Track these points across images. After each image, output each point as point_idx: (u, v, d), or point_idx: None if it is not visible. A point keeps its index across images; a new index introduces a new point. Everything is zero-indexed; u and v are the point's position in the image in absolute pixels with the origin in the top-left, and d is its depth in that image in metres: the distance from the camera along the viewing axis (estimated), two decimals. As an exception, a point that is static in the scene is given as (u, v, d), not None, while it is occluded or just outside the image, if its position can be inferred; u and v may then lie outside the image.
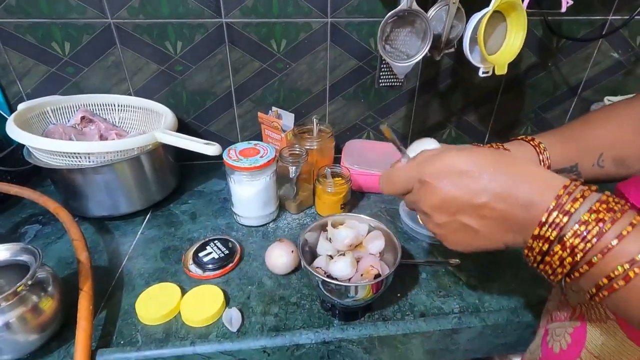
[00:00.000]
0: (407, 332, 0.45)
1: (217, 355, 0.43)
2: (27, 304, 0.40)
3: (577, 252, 0.25)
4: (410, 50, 0.61)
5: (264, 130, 0.76)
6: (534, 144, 0.44)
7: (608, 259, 0.24)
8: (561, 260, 0.26)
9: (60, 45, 0.68)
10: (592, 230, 0.25)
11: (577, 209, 0.25)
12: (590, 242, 0.25)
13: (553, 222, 0.26)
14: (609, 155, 0.42)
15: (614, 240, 0.24)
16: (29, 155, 0.59)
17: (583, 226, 0.25)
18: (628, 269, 0.24)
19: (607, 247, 0.24)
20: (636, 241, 0.24)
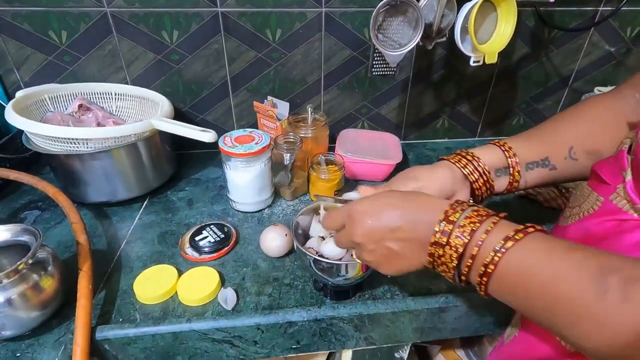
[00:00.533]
0: (396, 311, 0.47)
1: (213, 332, 0.45)
2: (28, 281, 0.41)
3: (459, 247, 0.32)
4: (402, 39, 0.62)
5: (259, 119, 0.77)
6: (499, 144, 0.46)
7: (482, 250, 0.31)
8: (450, 257, 0.33)
9: (57, 33, 0.68)
10: (467, 230, 0.32)
11: (458, 218, 0.33)
12: (466, 238, 0.32)
13: (442, 230, 0.33)
14: (581, 149, 0.44)
15: (482, 235, 0.31)
16: (28, 142, 0.60)
17: (461, 229, 0.32)
18: (494, 255, 0.30)
19: (480, 240, 0.31)
20: (497, 234, 0.31)
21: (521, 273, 0.29)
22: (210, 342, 0.46)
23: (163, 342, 0.45)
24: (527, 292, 0.29)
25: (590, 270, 0.26)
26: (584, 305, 0.25)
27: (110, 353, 0.45)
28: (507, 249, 0.30)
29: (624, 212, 0.34)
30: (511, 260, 0.30)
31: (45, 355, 0.41)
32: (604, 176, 0.37)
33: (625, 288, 0.24)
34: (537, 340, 0.38)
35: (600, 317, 0.25)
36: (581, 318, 0.26)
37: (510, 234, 0.30)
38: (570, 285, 0.26)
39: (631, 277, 0.24)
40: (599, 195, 0.37)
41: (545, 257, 0.28)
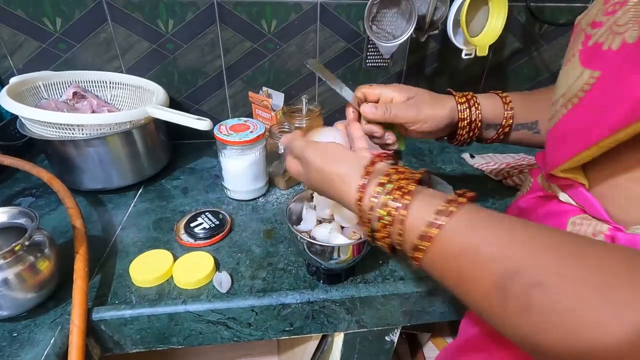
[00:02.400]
0: (387, 294, 0.49)
1: (208, 314, 0.46)
2: (24, 262, 0.41)
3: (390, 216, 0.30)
4: (395, 31, 0.63)
5: (254, 110, 0.78)
6: (501, 96, 0.48)
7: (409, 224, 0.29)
8: (382, 238, 0.32)
9: (51, 20, 0.68)
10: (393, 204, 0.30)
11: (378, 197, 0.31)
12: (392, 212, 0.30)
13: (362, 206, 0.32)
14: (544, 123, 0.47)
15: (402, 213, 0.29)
16: (22, 128, 0.60)
17: (388, 196, 0.31)
18: (426, 231, 0.28)
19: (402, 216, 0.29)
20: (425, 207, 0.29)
21: (444, 259, 0.28)
22: (205, 324, 0.47)
23: (159, 323, 0.46)
24: (446, 281, 0.29)
25: (494, 276, 0.25)
26: (491, 310, 0.25)
27: (106, 334, 0.46)
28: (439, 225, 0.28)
29: (542, 190, 0.40)
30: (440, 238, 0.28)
31: (42, 335, 0.42)
32: (537, 161, 0.42)
33: (524, 298, 0.23)
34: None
35: (504, 324, 0.25)
36: (487, 316, 0.26)
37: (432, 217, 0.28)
38: (478, 289, 0.26)
39: (531, 284, 0.23)
40: (532, 177, 0.44)
41: (454, 259, 0.27)
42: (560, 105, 0.33)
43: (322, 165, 0.36)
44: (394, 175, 0.32)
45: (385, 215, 0.31)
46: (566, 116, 0.32)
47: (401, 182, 0.31)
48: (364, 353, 0.58)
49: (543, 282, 0.22)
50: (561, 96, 0.33)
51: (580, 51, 0.32)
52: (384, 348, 0.58)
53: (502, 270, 0.24)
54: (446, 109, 0.47)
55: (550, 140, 0.35)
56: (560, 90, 0.34)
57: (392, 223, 0.31)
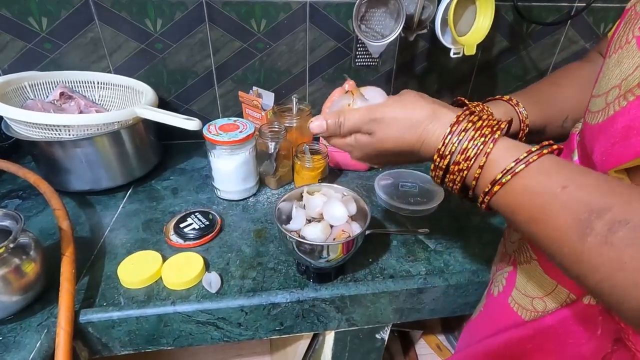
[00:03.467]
0: (376, 292, 0.49)
1: (197, 314, 0.46)
2: (9, 265, 0.41)
3: (462, 172, 0.32)
4: (384, 30, 0.64)
5: (244, 109, 0.77)
6: (513, 104, 0.46)
7: (489, 169, 0.31)
8: (453, 180, 0.33)
9: (37, 20, 0.67)
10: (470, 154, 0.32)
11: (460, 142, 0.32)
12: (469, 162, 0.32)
13: (447, 143, 0.33)
14: (572, 117, 0.46)
15: (483, 158, 0.31)
16: (8, 129, 0.59)
17: (461, 155, 0.32)
18: (502, 176, 0.30)
19: (482, 163, 0.31)
20: (505, 154, 0.30)
21: (520, 197, 0.29)
22: (194, 325, 0.47)
23: (148, 324, 0.46)
24: (523, 217, 0.29)
25: (579, 211, 0.26)
26: (567, 243, 0.26)
27: (94, 336, 0.45)
28: (516, 172, 0.29)
29: None
30: (514, 184, 0.30)
31: (28, 338, 0.41)
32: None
33: (609, 233, 0.24)
34: (496, 314, 0.41)
35: (579, 257, 0.25)
36: (564, 255, 0.27)
37: (522, 155, 0.30)
38: (558, 223, 0.27)
39: (617, 219, 0.24)
40: None
41: (543, 186, 0.28)
42: (616, 97, 0.30)
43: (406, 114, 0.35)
44: (484, 116, 0.33)
45: (470, 148, 0.31)
46: (627, 109, 0.29)
47: (491, 121, 0.32)
48: (355, 351, 0.59)
49: (631, 219, 0.23)
50: (614, 87, 0.31)
51: (638, 37, 0.30)
52: (374, 346, 0.59)
53: (588, 206, 0.25)
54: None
55: (600, 136, 0.32)
56: (612, 81, 0.31)
57: (476, 156, 0.31)
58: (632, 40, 0.30)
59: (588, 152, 0.33)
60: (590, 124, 0.33)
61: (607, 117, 0.31)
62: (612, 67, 0.32)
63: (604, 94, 0.32)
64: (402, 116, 0.35)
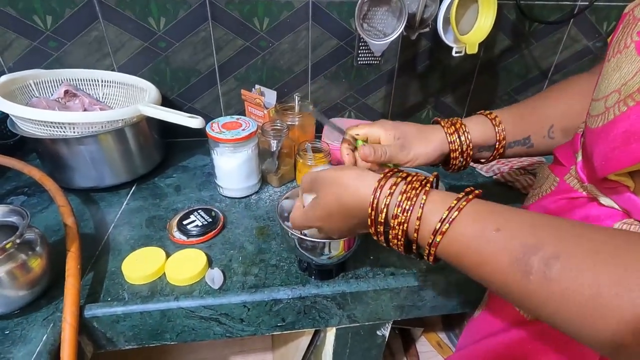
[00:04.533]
0: (378, 289, 0.49)
1: (200, 310, 0.46)
2: (15, 260, 0.42)
3: (403, 225, 0.32)
4: (386, 29, 0.64)
5: (247, 108, 0.78)
6: (490, 118, 0.48)
7: (425, 222, 0.31)
8: (396, 235, 0.33)
9: (41, 18, 0.68)
10: (405, 206, 0.32)
11: (392, 195, 0.33)
12: (407, 215, 0.32)
13: (375, 208, 0.33)
14: (559, 127, 0.47)
15: (417, 222, 0.31)
16: (13, 126, 0.60)
17: (398, 207, 0.32)
18: (440, 227, 0.30)
19: (415, 229, 0.31)
20: (439, 205, 0.31)
21: (460, 245, 0.30)
22: (197, 320, 0.47)
23: (151, 319, 0.46)
24: (467, 263, 0.30)
25: (515, 251, 0.26)
26: (513, 286, 0.26)
27: (98, 330, 0.46)
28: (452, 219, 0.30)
29: (575, 191, 0.37)
30: (453, 232, 0.30)
31: (34, 332, 0.42)
32: (561, 158, 0.40)
33: (546, 268, 0.24)
34: (498, 314, 0.42)
35: (528, 295, 0.26)
36: (511, 295, 0.27)
37: (444, 214, 0.30)
38: (498, 269, 0.27)
39: (550, 255, 0.25)
40: (556, 176, 0.41)
41: (478, 232, 0.29)
42: (615, 102, 0.30)
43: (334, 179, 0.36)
44: (408, 178, 0.34)
45: (399, 214, 0.32)
46: (627, 114, 0.29)
47: (415, 184, 0.33)
48: (356, 348, 0.59)
49: (560, 253, 0.24)
50: (614, 92, 0.31)
51: (637, 42, 0.29)
52: (375, 342, 0.59)
53: (521, 245, 0.26)
54: (435, 141, 0.47)
55: (599, 140, 0.31)
56: (611, 86, 0.31)
57: (407, 221, 0.32)
58: (631, 44, 0.30)
59: (588, 155, 0.34)
60: (590, 128, 0.34)
61: (606, 122, 0.31)
62: (611, 71, 0.32)
63: (603, 98, 0.32)
64: (336, 175, 0.37)
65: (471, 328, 0.47)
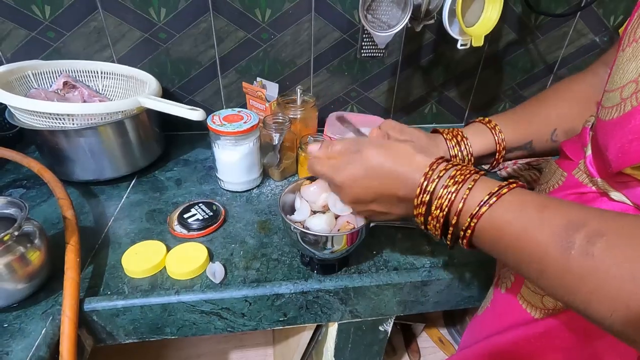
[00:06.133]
0: (380, 284, 0.49)
1: (201, 304, 0.46)
2: (14, 253, 0.41)
3: (440, 218, 0.33)
4: (391, 21, 0.63)
5: (248, 101, 0.77)
6: (490, 127, 0.47)
7: (466, 206, 0.32)
8: (437, 217, 0.34)
9: (40, 8, 0.67)
10: (444, 202, 0.33)
11: (435, 187, 0.33)
12: (445, 209, 0.33)
13: (425, 190, 0.33)
14: (562, 130, 0.46)
15: (459, 204, 0.32)
16: (12, 118, 0.59)
17: (445, 189, 0.33)
18: (478, 210, 0.31)
19: (463, 197, 0.32)
20: (480, 191, 0.31)
21: (495, 232, 0.30)
22: (198, 314, 0.47)
23: (152, 313, 0.46)
24: (500, 247, 0.30)
25: (557, 228, 0.26)
26: (551, 260, 0.26)
27: (98, 324, 0.45)
28: (481, 213, 0.31)
29: (584, 186, 0.36)
30: (486, 221, 0.31)
31: (33, 325, 0.41)
32: (568, 152, 0.39)
33: (588, 245, 0.24)
34: (504, 313, 0.41)
35: (565, 272, 0.26)
36: (547, 272, 0.27)
37: (485, 197, 0.31)
38: (537, 243, 0.27)
39: (594, 232, 0.25)
40: (564, 171, 0.40)
41: (516, 216, 0.29)
42: (632, 93, 0.29)
43: (385, 160, 0.35)
44: (457, 166, 0.34)
45: (457, 175, 0.32)
46: None
47: (464, 171, 0.33)
48: (358, 343, 0.59)
49: (605, 232, 0.24)
50: (631, 82, 0.30)
51: None
52: (377, 338, 0.59)
53: (564, 222, 0.26)
54: (441, 151, 0.47)
55: (615, 132, 0.31)
56: (627, 76, 0.30)
57: (450, 204, 0.32)
58: None
59: (601, 148, 0.33)
60: (603, 120, 0.32)
61: (623, 113, 0.30)
62: (627, 61, 0.31)
63: (618, 88, 0.31)
64: (390, 144, 0.37)
65: (475, 326, 0.46)
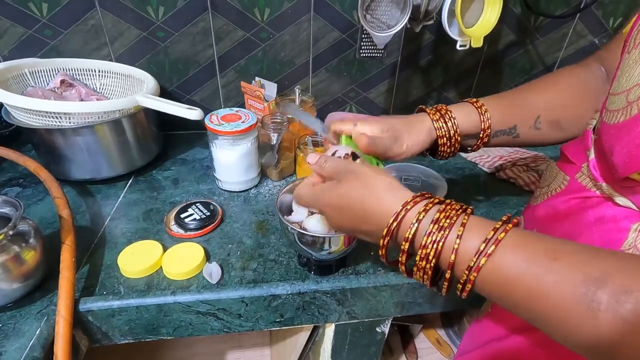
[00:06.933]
0: (378, 285, 0.48)
1: (197, 305, 0.46)
2: (8, 252, 0.41)
3: (431, 259, 0.29)
4: (390, 21, 0.62)
5: (247, 100, 0.76)
6: (476, 106, 0.46)
7: (459, 257, 0.28)
8: (423, 269, 0.30)
9: (37, 6, 0.66)
10: (435, 237, 0.28)
11: (419, 222, 0.29)
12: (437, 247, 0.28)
13: (390, 232, 0.30)
14: (546, 119, 0.45)
15: (452, 256, 0.27)
16: (8, 116, 0.59)
17: (428, 237, 0.28)
18: (468, 275, 0.27)
19: (454, 248, 0.27)
20: (473, 238, 0.27)
21: (504, 283, 0.26)
22: (194, 315, 0.47)
23: (147, 314, 0.45)
24: (511, 302, 0.27)
25: (577, 287, 0.23)
26: (577, 324, 0.23)
27: (94, 325, 0.45)
28: (480, 266, 0.26)
29: (587, 190, 0.35)
30: (488, 274, 0.27)
31: (28, 326, 0.41)
32: (570, 156, 0.39)
33: (617, 305, 0.22)
34: (505, 319, 0.40)
35: (596, 336, 0.22)
36: (577, 340, 0.24)
37: (481, 247, 0.27)
38: (557, 302, 0.24)
39: (621, 290, 0.22)
40: (566, 174, 0.39)
41: (527, 265, 0.25)
42: (639, 97, 0.28)
43: (357, 196, 0.33)
44: (442, 204, 0.30)
45: (429, 247, 0.28)
46: None
47: (448, 212, 0.29)
48: (355, 344, 0.58)
49: (633, 289, 0.21)
50: (637, 85, 0.29)
51: None
52: (375, 339, 0.59)
53: (586, 277, 0.23)
54: (424, 131, 0.45)
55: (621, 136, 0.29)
56: (633, 79, 0.29)
57: (438, 255, 0.28)
58: None
59: (606, 152, 0.32)
60: (608, 124, 0.32)
61: (629, 117, 0.29)
62: (633, 63, 0.30)
63: (624, 91, 0.31)
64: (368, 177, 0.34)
65: (475, 331, 0.46)
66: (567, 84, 0.46)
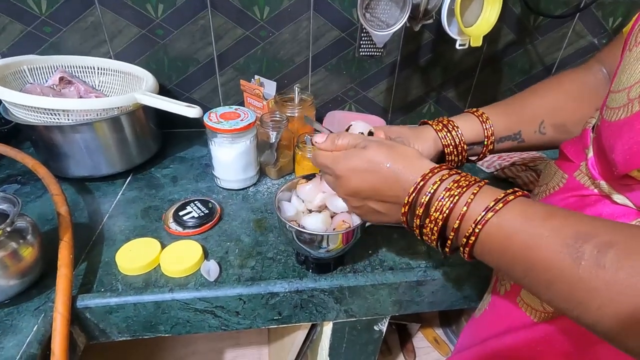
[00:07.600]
0: (376, 283, 0.49)
1: (195, 302, 0.46)
2: (6, 248, 0.40)
3: (439, 221, 0.32)
4: (389, 20, 0.62)
5: (246, 98, 0.76)
6: (477, 115, 0.47)
7: (470, 210, 0.31)
8: (435, 220, 0.33)
9: (36, 2, 0.66)
10: (446, 204, 0.32)
11: (436, 189, 0.32)
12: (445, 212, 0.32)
13: (420, 190, 0.33)
14: (550, 122, 0.46)
15: (463, 207, 0.31)
16: (6, 113, 0.59)
17: (447, 192, 0.32)
18: (474, 227, 0.30)
19: (467, 202, 0.31)
20: (485, 197, 0.31)
21: (501, 240, 0.29)
22: (192, 312, 0.47)
23: (145, 311, 0.45)
24: (507, 257, 0.29)
25: (567, 238, 0.26)
26: (560, 271, 0.25)
27: (91, 322, 0.45)
28: (487, 219, 0.30)
29: (586, 188, 0.36)
30: (492, 228, 0.30)
31: (25, 322, 0.41)
32: (569, 154, 0.39)
33: (599, 255, 0.24)
34: (503, 315, 0.41)
35: (576, 284, 0.25)
36: (557, 283, 0.26)
37: (491, 204, 0.30)
38: (547, 253, 0.26)
39: (605, 243, 0.24)
40: (564, 172, 0.39)
41: (524, 224, 0.28)
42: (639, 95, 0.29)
43: (387, 158, 0.35)
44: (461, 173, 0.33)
45: (446, 198, 0.32)
46: None
47: (468, 177, 0.33)
48: (353, 342, 0.59)
49: (616, 243, 0.24)
50: (638, 83, 0.29)
51: None
52: (372, 337, 0.59)
53: (573, 232, 0.26)
54: (430, 140, 0.47)
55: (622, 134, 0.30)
56: (634, 76, 0.30)
57: (453, 206, 0.31)
58: None
59: (606, 150, 0.32)
60: (608, 121, 0.32)
61: (630, 114, 0.29)
62: (634, 61, 0.30)
63: (625, 89, 0.31)
64: (396, 145, 0.37)
65: (472, 328, 0.46)
66: (568, 86, 0.46)
